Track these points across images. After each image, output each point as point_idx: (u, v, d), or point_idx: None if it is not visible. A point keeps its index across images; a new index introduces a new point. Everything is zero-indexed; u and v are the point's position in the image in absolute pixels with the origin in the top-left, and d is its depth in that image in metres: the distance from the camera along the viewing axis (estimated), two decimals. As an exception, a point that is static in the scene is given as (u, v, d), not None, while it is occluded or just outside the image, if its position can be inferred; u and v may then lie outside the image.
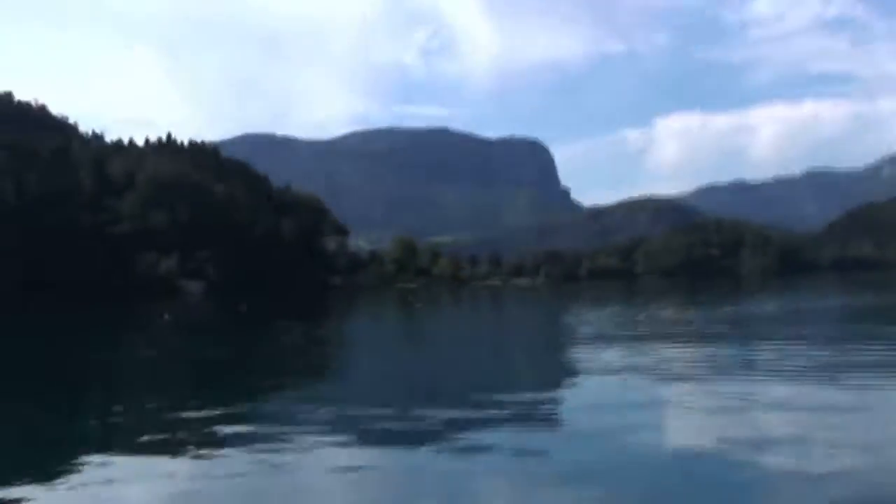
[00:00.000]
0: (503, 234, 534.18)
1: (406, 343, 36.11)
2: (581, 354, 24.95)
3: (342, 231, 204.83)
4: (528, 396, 16.86)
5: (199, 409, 16.00)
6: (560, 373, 21.44)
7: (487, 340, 35.47)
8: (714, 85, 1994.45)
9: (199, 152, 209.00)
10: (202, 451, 12.28)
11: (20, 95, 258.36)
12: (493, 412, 14.76)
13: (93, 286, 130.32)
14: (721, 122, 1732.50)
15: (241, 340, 36.46)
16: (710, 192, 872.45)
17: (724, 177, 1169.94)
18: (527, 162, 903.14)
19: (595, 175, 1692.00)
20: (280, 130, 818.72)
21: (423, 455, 11.70)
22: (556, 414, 15.01)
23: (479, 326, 46.59)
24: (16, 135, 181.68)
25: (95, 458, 12.04)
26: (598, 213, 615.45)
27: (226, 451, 12.29)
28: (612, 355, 23.62)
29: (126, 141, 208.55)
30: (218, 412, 15.59)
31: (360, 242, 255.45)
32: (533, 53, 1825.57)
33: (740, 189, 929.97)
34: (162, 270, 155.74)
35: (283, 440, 12.76)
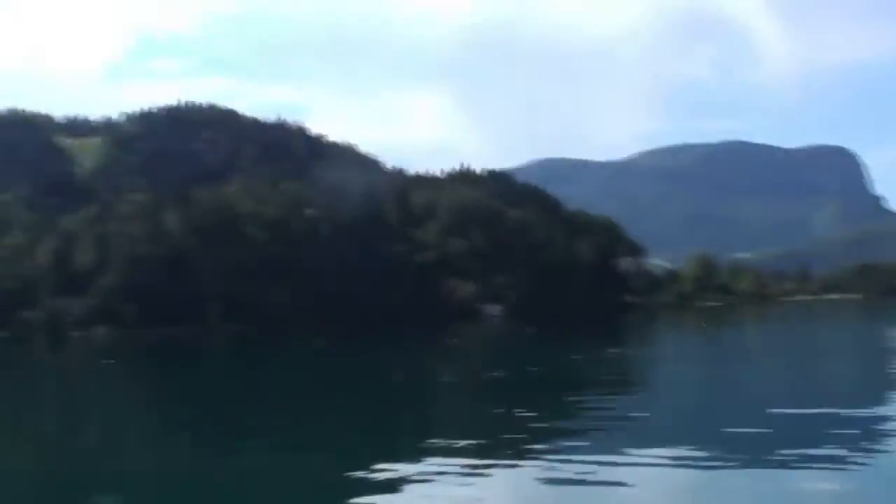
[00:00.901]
0: (810, 248, 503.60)
1: (703, 362, 34.59)
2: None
3: (638, 251, 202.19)
4: (847, 412, 15.55)
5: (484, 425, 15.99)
6: (881, 390, 19.64)
7: (802, 358, 33.30)
8: None
9: (495, 180, 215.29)
10: (521, 464, 12.26)
11: (332, 137, 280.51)
12: (811, 427, 13.78)
13: (400, 311, 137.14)
14: None
15: (519, 361, 36.56)
16: None
17: None
18: (832, 170, 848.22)
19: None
20: (573, 153, 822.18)
21: (741, 473, 11.01)
22: (881, 430, 13.75)
23: (791, 344, 43.97)
24: (328, 173, 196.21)
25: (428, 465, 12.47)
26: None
27: (543, 462, 12.24)
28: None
29: (426, 173, 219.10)
30: (514, 427, 15.54)
31: (657, 261, 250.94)
32: (834, 56, 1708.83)
33: None
34: (462, 295, 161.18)
35: (595, 453, 12.52)
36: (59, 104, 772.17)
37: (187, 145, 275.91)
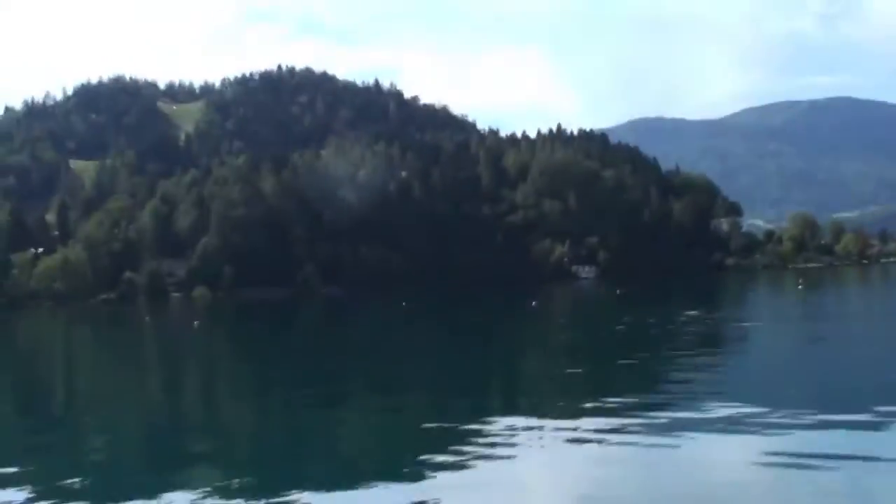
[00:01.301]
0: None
1: (794, 323, 33.78)
2: None
3: (735, 211, 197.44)
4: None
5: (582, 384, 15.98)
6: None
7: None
8: None
9: (588, 140, 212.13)
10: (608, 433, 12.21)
11: (425, 99, 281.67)
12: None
13: (491, 272, 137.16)
14: None
15: (596, 323, 36.33)
16: None
17: None
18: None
19: None
20: (669, 113, 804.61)
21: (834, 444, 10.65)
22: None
23: (889, 306, 42.63)
24: (422, 134, 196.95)
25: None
26: None
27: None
28: None
29: (519, 134, 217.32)
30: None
31: (755, 222, 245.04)
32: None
33: None
34: (555, 257, 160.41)
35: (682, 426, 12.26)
36: (162, 72, 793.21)
37: (283, 109, 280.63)
